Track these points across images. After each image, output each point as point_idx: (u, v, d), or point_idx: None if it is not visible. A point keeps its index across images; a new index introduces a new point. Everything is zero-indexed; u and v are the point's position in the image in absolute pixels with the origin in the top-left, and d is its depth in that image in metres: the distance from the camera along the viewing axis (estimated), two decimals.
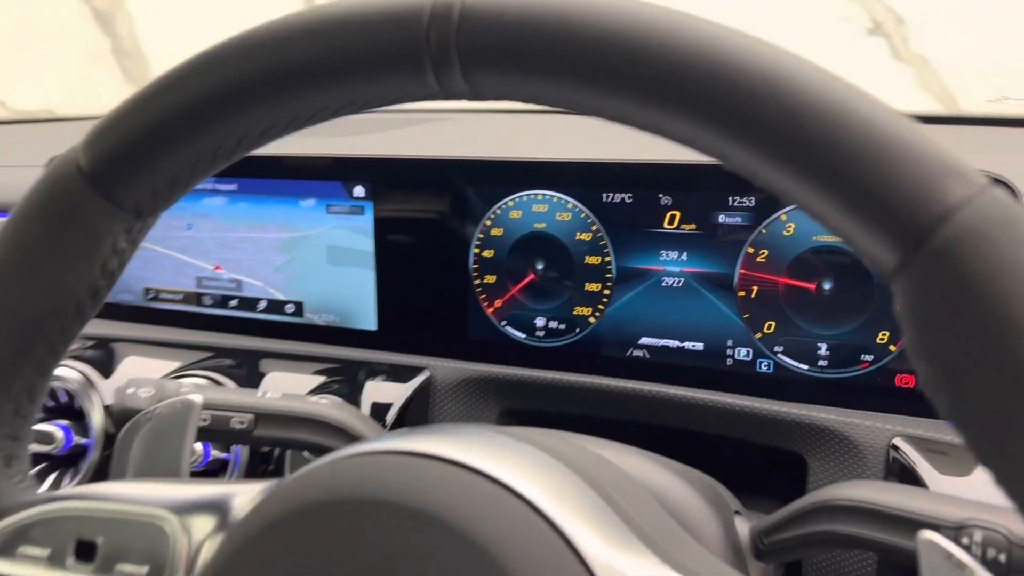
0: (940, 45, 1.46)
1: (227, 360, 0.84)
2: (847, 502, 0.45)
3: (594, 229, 0.74)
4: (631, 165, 0.72)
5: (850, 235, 0.26)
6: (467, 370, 0.79)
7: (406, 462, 0.34)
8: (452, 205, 0.79)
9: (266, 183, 0.87)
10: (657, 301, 0.73)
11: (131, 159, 0.36)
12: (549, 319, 0.78)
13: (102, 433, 0.82)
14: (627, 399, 0.74)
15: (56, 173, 0.37)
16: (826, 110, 0.25)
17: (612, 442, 0.52)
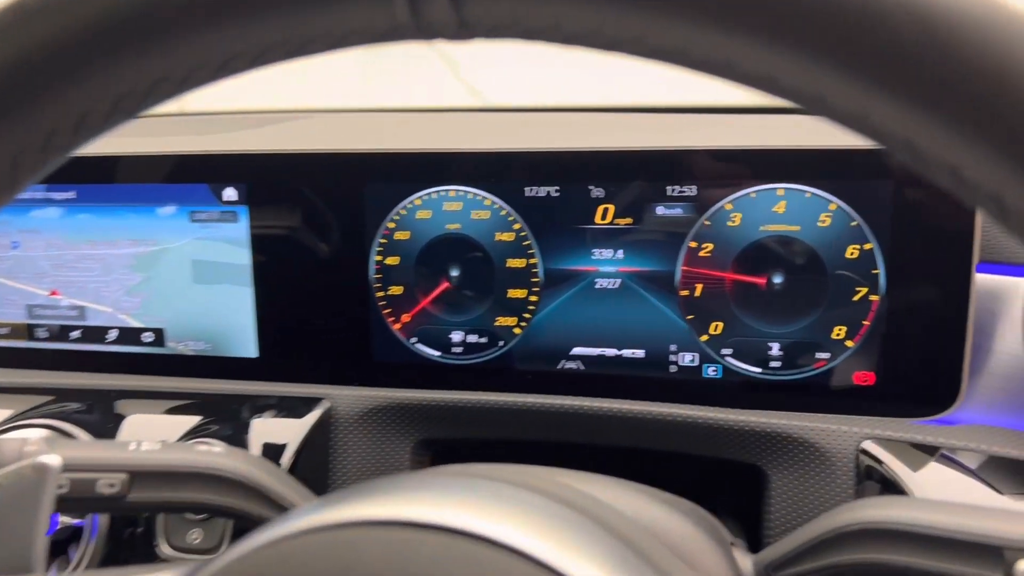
0: None
1: (73, 404, 0.69)
2: (885, 525, 0.38)
3: (516, 228, 0.66)
4: (557, 154, 0.64)
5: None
6: (373, 398, 0.68)
7: (391, 537, 0.25)
8: (347, 206, 0.68)
9: (113, 189, 0.73)
10: (591, 306, 0.65)
11: None
12: (467, 333, 0.68)
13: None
14: (560, 418, 0.66)
15: None
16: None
17: (590, 474, 0.44)
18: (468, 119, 0.75)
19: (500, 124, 0.71)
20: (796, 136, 0.61)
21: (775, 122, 0.65)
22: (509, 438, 0.67)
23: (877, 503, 0.40)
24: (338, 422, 0.68)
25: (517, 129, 0.68)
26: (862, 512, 0.40)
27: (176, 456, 0.45)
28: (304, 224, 0.69)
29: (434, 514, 0.26)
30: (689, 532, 0.42)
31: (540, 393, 0.66)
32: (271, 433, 0.65)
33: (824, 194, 0.60)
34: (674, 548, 0.40)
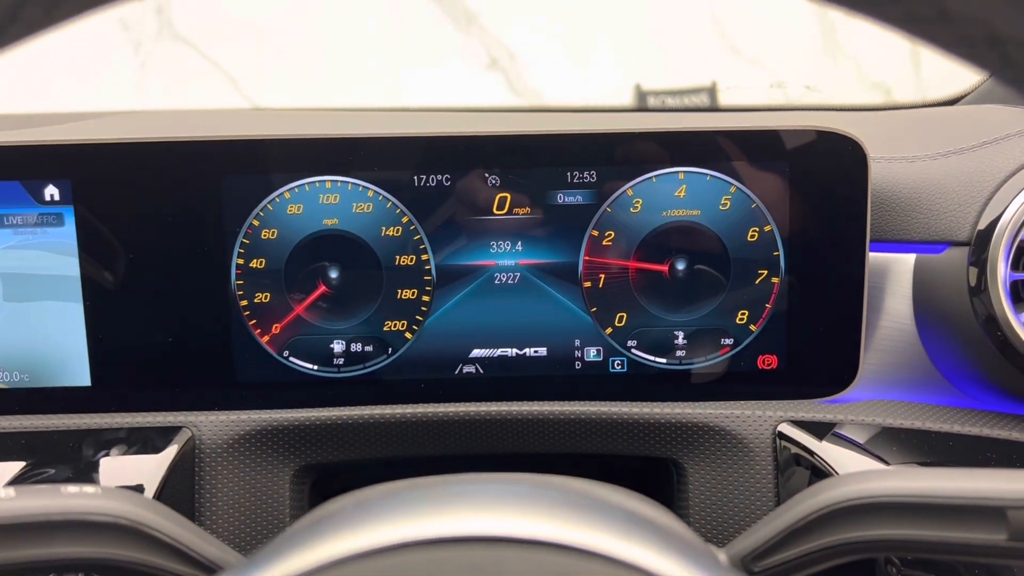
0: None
1: None
2: (877, 499, 0.36)
3: (404, 221, 0.59)
4: (447, 139, 0.59)
5: None
6: (242, 422, 0.59)
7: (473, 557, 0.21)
8: (201, 203, 0.59)
9: None
10: (489, 303, 0.60)
11: None
12: (350, 342, 0.61)
13: None
14: (460, 428, 0.60)
15: None
16: None
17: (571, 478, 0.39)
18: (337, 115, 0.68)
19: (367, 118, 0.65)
20: (696, 120, 0.60)
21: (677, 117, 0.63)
22: (403, 456, 0.61)
23: (859, 478, 0.38)
24: (203, 453, 0.58)
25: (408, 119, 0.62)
26: (847, 488, 0.37)
27: (41, 503, 0.35)
28: (147, 226, 0.59)
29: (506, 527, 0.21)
30: (681, 528, 0.38)
31: (435, 402, 0.61)
32: (123, 473, 0.54)
33: (724, 177, 0.59)
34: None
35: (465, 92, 1.77)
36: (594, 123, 0.60)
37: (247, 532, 0.58)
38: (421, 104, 0.78)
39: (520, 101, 1.84)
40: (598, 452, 0.61)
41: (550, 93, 1.86)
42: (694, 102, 2.03)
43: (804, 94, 1.70)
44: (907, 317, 0.61)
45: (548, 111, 0.70)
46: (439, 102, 1.62)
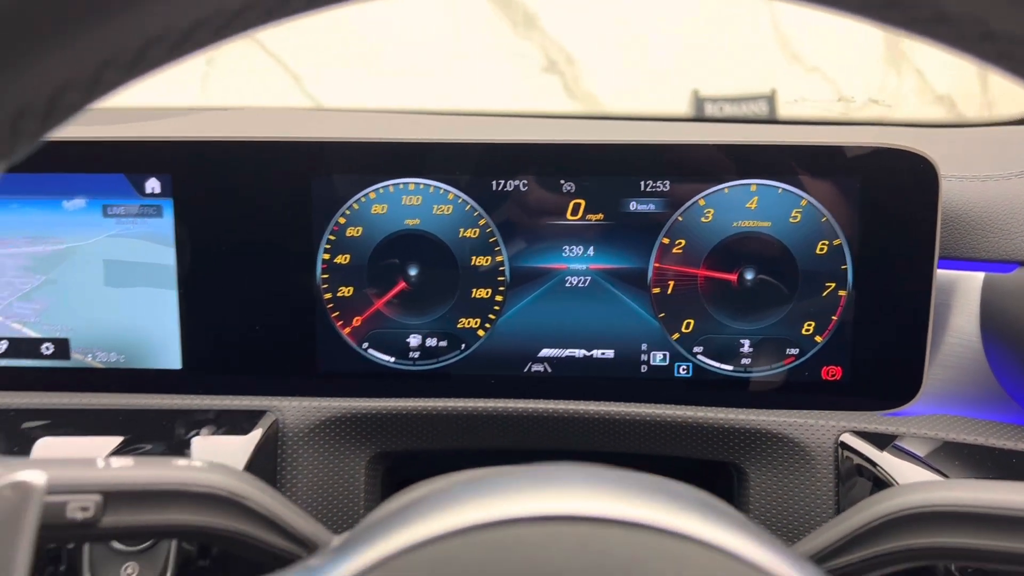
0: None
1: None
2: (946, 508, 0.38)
3: (482, 224, 0.62)
4: (527, 146, 0.61)
5: None
6: (324, 408, 0.62)
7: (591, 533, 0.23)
8: (291, 201, 0.62)
9: (8, 178, 0.63)
10: (559, 305, 0.63)
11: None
12: (426, 336, 0.64)
13: None
14: (527, 423, 0.63)
15: None
16: None
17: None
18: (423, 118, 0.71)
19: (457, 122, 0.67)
20: (768, 134, 0.61)
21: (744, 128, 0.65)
22: (472, 447, 0.63)
23: (924, 487, 0.40)
24: (286, 437, 0.61)
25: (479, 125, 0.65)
26: (912, 496, 0.39)
27: (156, 472, 0.38)
28: (240, 220, 0.62)
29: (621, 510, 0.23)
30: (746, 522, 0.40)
31: (505, 398, 0.63)
32: (213, 453, 0.57)
33: (795, 190, 0.60)
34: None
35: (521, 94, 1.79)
36: (666, 133, 0.62)
37: (324, 513, 0.61)
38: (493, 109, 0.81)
39: (576, 104, 1.85)
40: (660, 453, 0.63)
41: (607, 97, 1.88)
42: (752, 110, 2.02)
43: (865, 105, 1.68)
44: (973, 334, 0.62)
45: (620, 119, 0.72)
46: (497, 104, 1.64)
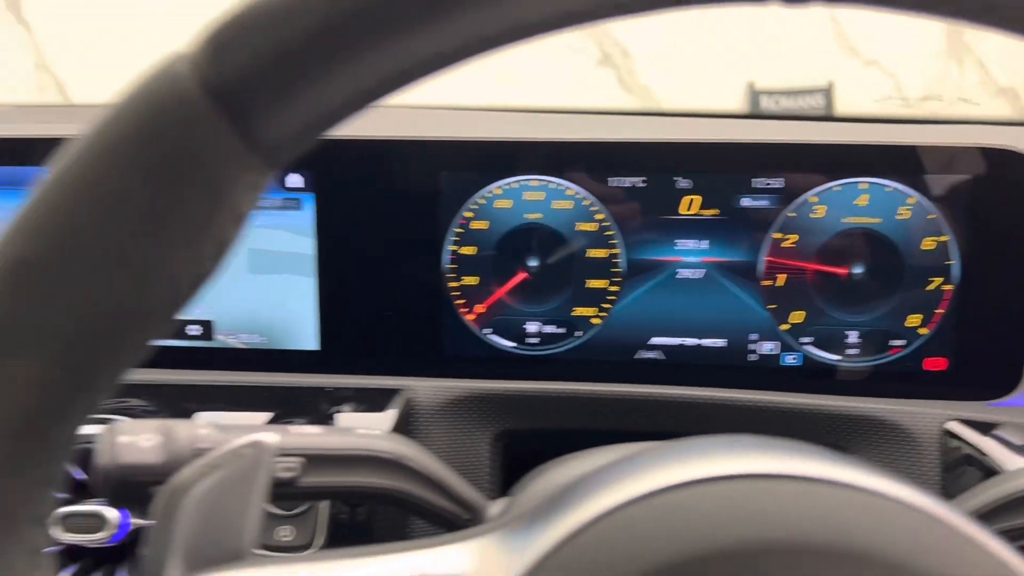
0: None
1: (135, 400, 0.64)
2: None
3: (599, 218, 0.66)
4: (644, 145, 0.65)
5: None
6: (452, 388, 0.67)
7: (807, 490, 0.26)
8: (421, 195, 0.67)
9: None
10: (672, 296, 0.66)
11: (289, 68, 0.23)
12: (544, 323, 0.68)
13: None
14: (641, 406, 0.66)
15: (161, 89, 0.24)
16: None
17: None
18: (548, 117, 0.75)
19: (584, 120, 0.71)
20: (878, 134, 0.64)
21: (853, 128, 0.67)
22: (588, 428, 0.67)
23: None
24: (417, 414, 0.66)
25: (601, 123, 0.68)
26: None
27: (347, 440, 0.43)
28: (374, 213, 0.67)
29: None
30: None
31: (618, 382, 0.67)
32: (359, 426, 0.62)
33: (905, 188, 0.63)
34: None
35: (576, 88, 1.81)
36: (779, 132, 0.65)
37: None
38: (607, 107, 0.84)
39: (631, 98, 1.87)
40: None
41: (661, 90, 1.89)
42: (809, 103, 1.99)
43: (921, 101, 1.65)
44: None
45: (731, 116, 0.75)
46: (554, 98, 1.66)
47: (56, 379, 0.25)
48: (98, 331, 0.24)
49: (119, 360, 0.25)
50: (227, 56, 0.23)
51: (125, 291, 0.24)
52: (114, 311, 0.24)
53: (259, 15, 0.23)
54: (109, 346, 0.25)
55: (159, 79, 0.24)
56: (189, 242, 0.25)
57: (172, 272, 0.25)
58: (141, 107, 0.24)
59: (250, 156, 0.24)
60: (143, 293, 0.25)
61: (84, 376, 0.25)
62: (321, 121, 0.26)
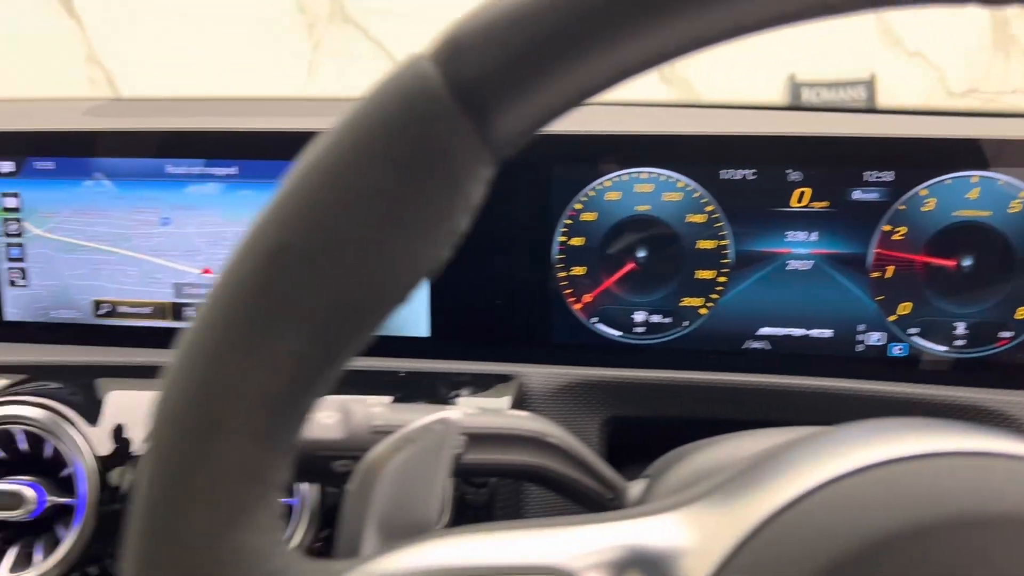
0: None
1: None
2: None
3: (709, 210, 0.67)
4: (757, 138, 0.66)
5: None
6: (562, 376, 0.69)
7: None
8: (531, 187, 0.69)
9: (282, 165, 0.71)
10: (780, 287, 0.67)
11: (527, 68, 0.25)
12: (651, 313, 0.69)
13: (96, 490, 0.62)
14: (748, 395, 0.68)
15: (409, 88, 0.25)
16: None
17: None
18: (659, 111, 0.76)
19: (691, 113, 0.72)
20: (988, 127, 0.64)
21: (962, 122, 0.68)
22: (694, 416, 0.69)
23: None
24: (530, 399, 0.68)
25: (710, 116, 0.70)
26: None
27: (504, 420, 0.45)
28: (486, 204, 0.69)
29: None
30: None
31: (724, 371, 0.68)
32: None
33: (1016, 181, 0.63)
34: None
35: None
36: (891, 126, 0.66)
37: None
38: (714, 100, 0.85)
39: (671, 90, 1.86)
40: None
41: (700, 82, 1.88)
42: (851, 95, 1.98)
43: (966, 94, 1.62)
44: None
45: (841, 111, 0.76)
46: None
47: (310, 356, 0.27)
48: (346, 311, 0.26)
49: (359, 338, 0.27)
50: (470, 57, 0.25)
51: (371, 275, 0.26)
52: (360, 293, 0.26)
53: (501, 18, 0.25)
54: (354, 325, 0.27)
55: (406, 78, 0.26)
56: (429, 231, 0.27)
57: (412, 258, 0.27)
58: (391, 104, 0.26)
59: (485, 150, 0.26)
60: (386, 277, 0.27)
61: (332, 353, 0.27)
62: (547, 116, 0.28)
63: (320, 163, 0.26)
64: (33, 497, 0.61)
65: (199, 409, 0.26)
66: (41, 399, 0.64)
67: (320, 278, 0.26)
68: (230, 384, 0.26)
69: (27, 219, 0.74)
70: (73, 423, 0.64)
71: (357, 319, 0.27)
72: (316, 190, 0.26)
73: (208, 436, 0.26)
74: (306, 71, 1.47)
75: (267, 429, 0.27)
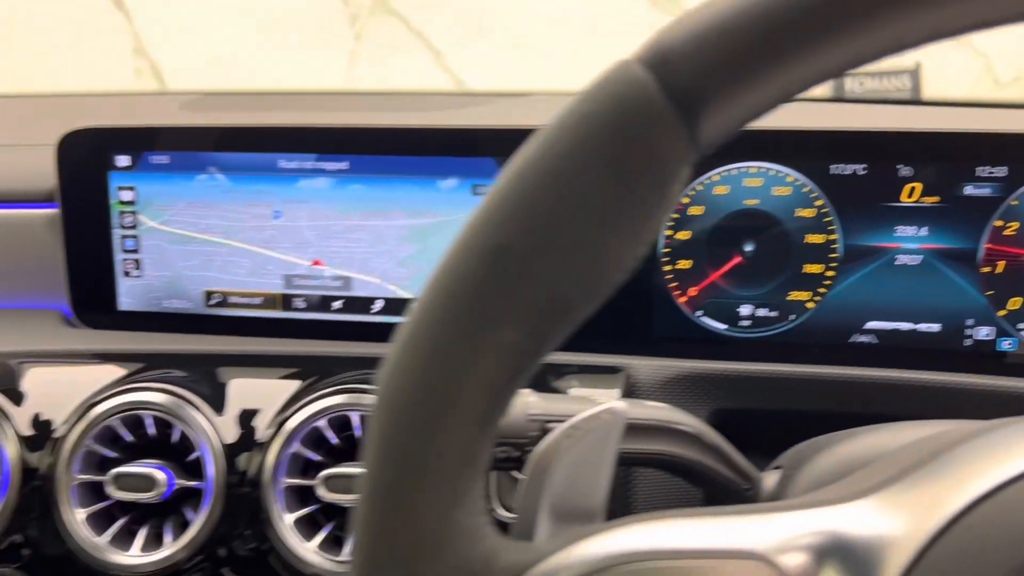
0: None
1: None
2: None
3: (818, 205, 0.68)
4: (869, 134, 0.66)
5: None
6: (668, 368, 0.70)
7: None
8: None
9: (390, 160, 0.73)
10: (888, 281, 0.68)
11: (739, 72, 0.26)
12: (757, 307, 0.70)
13: (223, 473, 0.65)
14: (855, 388, 0.68)
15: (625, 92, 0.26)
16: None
17: None
18: None
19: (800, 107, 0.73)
20: None
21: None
22: (800, 409, 0.70)
23: None
24: (639, 391, 0.69)
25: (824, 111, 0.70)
26: None
27: (649, 411, 0.47)
28: None
29: None
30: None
31: (830, 364, 0.69)
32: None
33: None
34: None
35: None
36: (1004, 122, 0.66)
37: None
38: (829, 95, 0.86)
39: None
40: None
41: None
42: (895, 85, 1.96)
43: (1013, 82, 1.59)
44: None
45: (957, 104, 0.77)
46: None
47: (526, 347, 0.28)
48: (559, 307, 0.28)
49: (566, 331, 0.29)
50: (684, 63, 0.26)
51: (583, 273, 0.28)
52: (570, 290, 0.28)
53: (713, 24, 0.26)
54: (564, 319, 0.28)
55: (621, 84, 0.27)
56: (637, 230, 0.28)
57: (619, 257, 0.28)
58: (608, 110, 0.27)
59: (691, 152, 0.27)
60: (594, 275, 0.28)
61: (544, 345, 0.29)
62: (751, 117, 0.29)
63: (536, 166, 0.27)
64: (164, 480, 0.63)
65: (428, 397, 0.28)
66: (167, 385, 0.67)
67: (538, 276, 0.27)
68: (456, 374, 0.28)
69: (142, 212, 0.77)
70: (199, 408, 0.66)
71: (567, 314, 0.28)
72: (533, 192, 0.27)
73: (436, 422, 0.28)
74: (347, 62, 1.49)
75: (485, 415, 0.29)
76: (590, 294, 0.28)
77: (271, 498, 0.63)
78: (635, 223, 0.28)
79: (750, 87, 0.27)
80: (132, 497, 0.63)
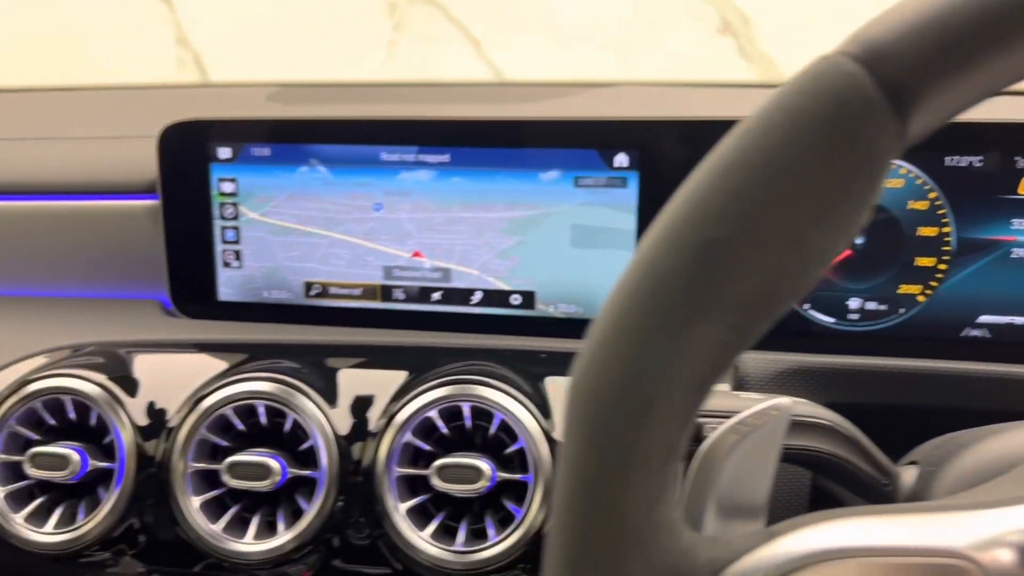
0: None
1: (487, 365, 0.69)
2: None
3: (932, 197, 0.67)
4: (986, 125, 0.65)
5: None
6: (777, 361, 0.69)
7: None
8: None
9: (492, 153, 0.73)
10: (1003, 275, 0.67)
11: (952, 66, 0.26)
12: (866, 300, 0.69)
13: (336, 462, 0.65)
14: (967, 383, 0.67)
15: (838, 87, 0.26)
16: None
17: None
18: None
19: None
20: None
21: None
22: (911, 403, 0.69)
23: None
24: (749, 384, 0.69)
25: None
26: None
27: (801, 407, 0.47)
28: None
29: None
30: None
31: (940, 359, 0.68)
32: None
33: None
34: None
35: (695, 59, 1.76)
36: None
37: None
38: None
39: (751, 68, 1.83)
40: None
41: (783, 59, 1.84)
42: None
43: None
44: None
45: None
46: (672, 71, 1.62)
47: (730, 342, 0.28)
48: (765, 301, 0.28)
49: (767, 325, 0.29)
50: (897, 58, 0.26)
51: (791, 268, 0.28)
52: (777, 284, 0.28)
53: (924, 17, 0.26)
54: (768, 313, 0.28)
55: (832, 79, 0.27)
56: (843, 225, 0.28)
57: (824, 251, 0.28)
58: (822, 105, 0.27)
59: (900, 146, 0.27)
60: (800, 269, 0.28)
61: (747, 339, 0.28)
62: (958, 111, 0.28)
63: (747, 160, 0.27)
64: (278, 469, 0.64)
65: (633, 392, 0.28)
66: (279, 375, 0.67)
67: (748, 270, 0.27)
68: (661, 369, 0.28)
69: (243, 203, 0.77)
70: (311, 398, 0.66)
71: (772, 308, 0.28)
72: (746, 186, 0.27)
73: (642, 418, 0.28)
74: (385, 52, 1.49)
75: (687, 410, 0.29)
76: (795, 288, 0.28)
77: (385, 487, 0.63)
78: (843, 217, 0.27)
79: (964, 80, 0.26)
80: (246, 485, 0.64)
